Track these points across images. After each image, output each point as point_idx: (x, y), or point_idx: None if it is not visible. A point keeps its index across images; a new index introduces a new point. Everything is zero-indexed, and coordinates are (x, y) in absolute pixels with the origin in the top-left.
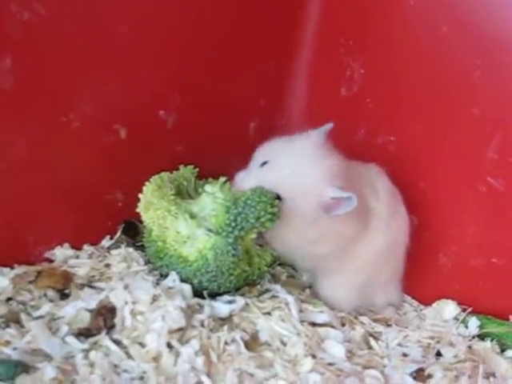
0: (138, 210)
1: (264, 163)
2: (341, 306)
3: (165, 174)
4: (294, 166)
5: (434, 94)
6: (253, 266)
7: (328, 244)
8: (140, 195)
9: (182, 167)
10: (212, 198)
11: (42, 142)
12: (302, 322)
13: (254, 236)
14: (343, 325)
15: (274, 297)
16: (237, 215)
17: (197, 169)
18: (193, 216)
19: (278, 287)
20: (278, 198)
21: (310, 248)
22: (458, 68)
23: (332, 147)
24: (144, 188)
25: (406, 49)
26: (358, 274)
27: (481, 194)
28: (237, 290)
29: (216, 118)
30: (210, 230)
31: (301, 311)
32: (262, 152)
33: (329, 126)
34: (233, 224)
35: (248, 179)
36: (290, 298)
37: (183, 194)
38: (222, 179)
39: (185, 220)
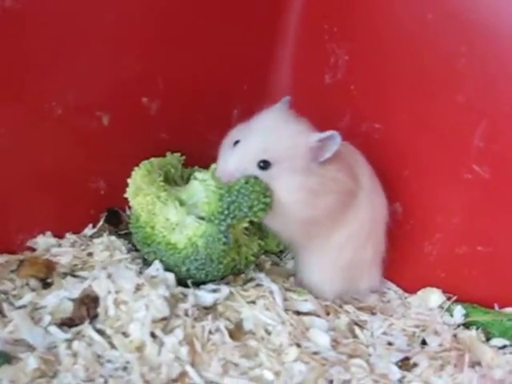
0: (126, 195)
1: (236, 142)
2: (326, 291)
3: (154, 160)
4: (270, 129)
5: (418, 82)
6: (241, 255)
7: (328, 195)
8: (129, 180)
9: (169, 154)
10: (204, 186)
11: (24, 130)
12: (286, 310)
13: (245, 225)
14: (328, 314)
15: (258, 285)
16: (230, 203)
17: (183, 156)
18: (182, 203)
19: (262, 276)
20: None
21: (310, 206)
22: (443, 55)
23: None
24: (133, 173)
25: (391, 36)
26: (343, 250)
27: (466, 181)
28: (222, 278)
29: (199, 105)
30: (200, 218)
31: (285, 300)
32: (229, 137)
33: (286, 98)
34: (225, 212)
35: (230, 160)
36: (275, 287)
37: (170, 181)
38: (213, 166)
39: (174, 207)
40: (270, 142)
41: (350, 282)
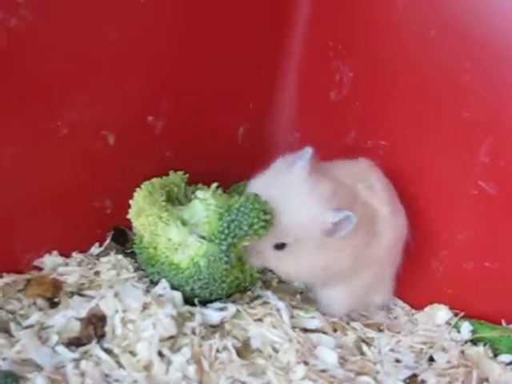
0: (128, 216)
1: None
2: (338, 311)
3: (156, 180)
4: (287, 209)
5: (423, 98)
6: (245, 272)
7: (342, 262)
8: (131, 201)
9: (172, 173)
10: (204, 205)
11: (30, 149)
12: (293, 328)
13: (246, 243)
14: (335, 330)
15: (265, 303)
16: (230, 222)
17: (187, 174)
18: (184, 223)
19: (269, 293)
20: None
21: (325, 272)
22: (448, 72)
23: (316, 164)
24: (135, 194)
25: (396, 52)
26: (362, 276)
27: (472, 197)
28: (228, 296)
29: (205, 123)
30: (202, 237)
31: (292, 317)
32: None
33: (308, 151)
34: (226, 231)
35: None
36: (281, 304)
37: (173, 199)
38: (214, 185)
39: (176, 227)
40: (288, 228)
41: (364, 301)
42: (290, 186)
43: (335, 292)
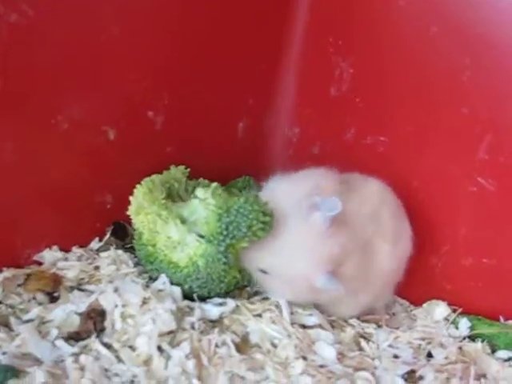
0: (128, 212)
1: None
2: (344, 315)
3: (156, 177)
4: (287, 250)
5: (423, 94)
6: (243, 271)
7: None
8: (131, 198)
9: (173, 167)
10: (204, 204)
11: (30, 145)
12: (292, 324)
13: (245, 244)
14: (333, 327)
15: (264, 299)
16: (229, 224)
17: (188, 169)
18: (183, 220)
19: None
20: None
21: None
22: (448, 68)
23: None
24: (135, 191)
25: (396, 49)
26: (369, 288)
27: (472, 194)
28: (227, 293)
29: (205, 118)
30: (201, 236)
31: (291, 313)
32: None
33: (338, 205)
34: (224, 232)
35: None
36: (282, 300)
37: (174, 195)
38: (214, 184)
39: (175, 225)
40: (282, 272)
41: (368, 307)
42: (302, 232)
43: (340, 306)
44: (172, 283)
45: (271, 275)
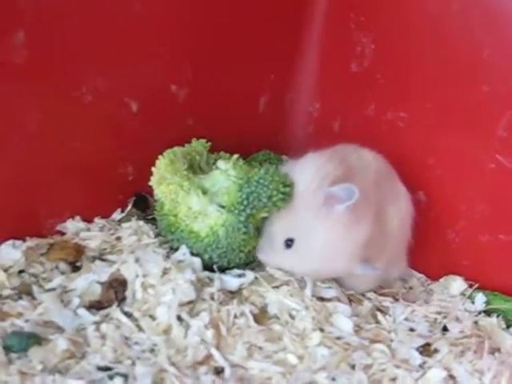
0: (150, 183)
1: (288, 240)
2: (361, 291)
3: (178, 149)
4: (323, 254)
5: (443, 71)
6: None
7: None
8: (153, 169)
9: (194, 141)
10: (225, 175)
11: (54, 116)
12: (310, 296)
13: (265, 214)
14: (350, 301)
15: (284, 271)
16: (249, 194)
17: (209, 143)
18: (205, 192)
19: None
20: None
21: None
22: (468, 45)
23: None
24: (157, 162)
25: (417, 25)
26: (381, 261)
27: (490, 170)
28: (246, 264)
29: (227, 93)
30: (221, 207)
31: None
32: (284, 225)
33: (355, 193)
34: (245, 202)
35: (274, 260)
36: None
37: (195, 167)
38: (235, 156)
39: (197, 196)
40: (315, 272)
41: (383, 278)
42: (326, 228)
43: (357, 277)
44: (192, 253)
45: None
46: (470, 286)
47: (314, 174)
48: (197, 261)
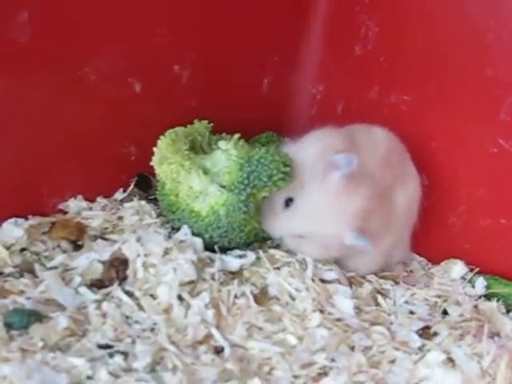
0: (151, 163)
1: (288, 200)
2: (362, 272)
3: (180, 129)
4: (316, 214)
5: (447, 55)
6: None
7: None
8: (154, 149)
9: (196, 122)
10: (226, 155)
11: (57, 95)
12: (312, 278)
13: (266, 194)
14: (351, 283)
15: (286, 252)
16: (250, 173)
17: (211, 123)
18: (206, 171)
19: None
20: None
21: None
22: (472, 29)
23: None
24: (159, 142)
25: (421, 9)
26: (385, 238)
27: (492, 155)
28: (248, 245)
29: (230, 74)
30: (222, 186)
31: None
32: (286, 188)
33: (354, 162)
34: (245, 182)
35: (276, 226)
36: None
37: (197, 148)
38: (236, 136)
39: (198, 175)
40: (311, 230)
41: (386, 260)
42: (324, 191)
43: (360, 258)
44: (193, 233)
45: (303, 239)
46: (471, 270)
47: (319, 145)
48: (198, 241)
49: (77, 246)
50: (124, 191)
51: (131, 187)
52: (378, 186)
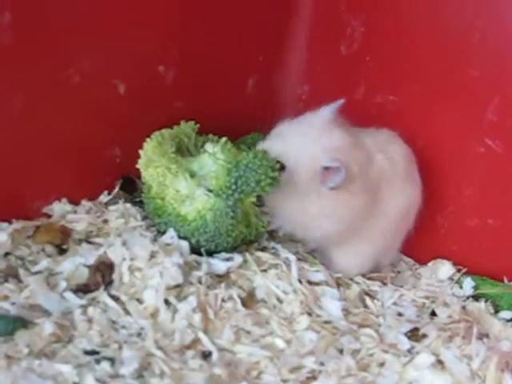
0: (137, 166)
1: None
2: (351, 273)
3: (166, 131)
4: (299, 138)
5: (433, 55)
6: (251, 226)
7: (333, 219)
8: (140, 152)
9: (182, 123)
10: (213, 159)
11: (41, 97)
12: (298, 280)
13: (253, 199)
14: (339, 285)
15: (272, 255)
16: (237, 178)
17: (197, 124)
18: (192, 175)
19: (276, 245)
20: (283, 167)
21: (315, 225)
22: (458, 29)
23: (343, 121)
24: (145, 144)
25: (407, 8)
26: (375, 240)
27: (479, 155)
28: (234, 248)
29: (215, 74)
30: (209, 190)
31: (298, 269)
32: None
33: (340, 102)
34: (233, 187)
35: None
36: (292, 257)
37: (183, 150)
38: (224, 139)
39: (185, 179)
40: (290, 153)
41: (375, 263)
42: (310, 122)
43: (346, 256)
44: (180, 237)
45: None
46: (459, 270)
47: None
48: (184, 244)
49: (62, 250)
50: (109, 194)
51: (116, 190)
52: (366, 195)
